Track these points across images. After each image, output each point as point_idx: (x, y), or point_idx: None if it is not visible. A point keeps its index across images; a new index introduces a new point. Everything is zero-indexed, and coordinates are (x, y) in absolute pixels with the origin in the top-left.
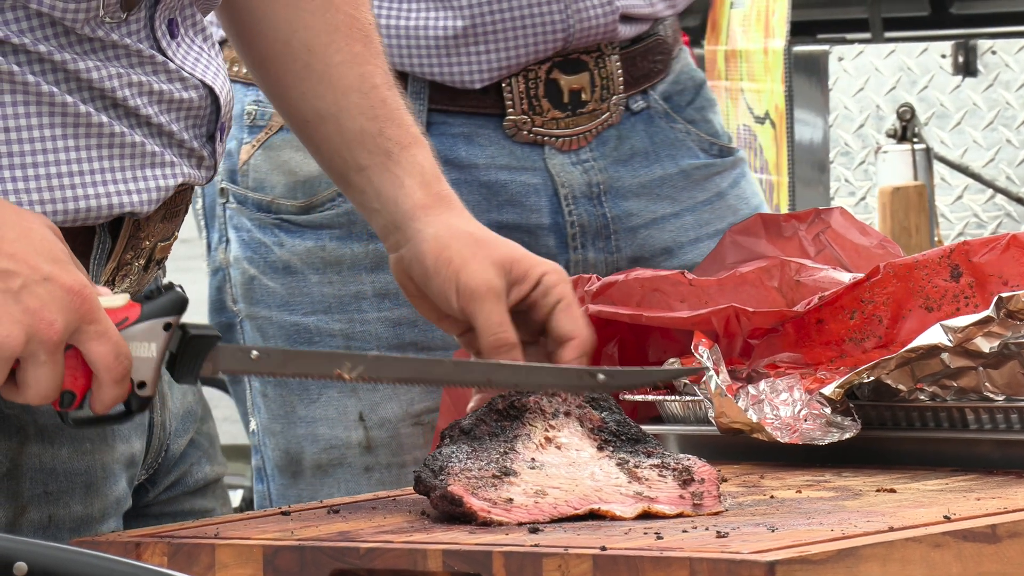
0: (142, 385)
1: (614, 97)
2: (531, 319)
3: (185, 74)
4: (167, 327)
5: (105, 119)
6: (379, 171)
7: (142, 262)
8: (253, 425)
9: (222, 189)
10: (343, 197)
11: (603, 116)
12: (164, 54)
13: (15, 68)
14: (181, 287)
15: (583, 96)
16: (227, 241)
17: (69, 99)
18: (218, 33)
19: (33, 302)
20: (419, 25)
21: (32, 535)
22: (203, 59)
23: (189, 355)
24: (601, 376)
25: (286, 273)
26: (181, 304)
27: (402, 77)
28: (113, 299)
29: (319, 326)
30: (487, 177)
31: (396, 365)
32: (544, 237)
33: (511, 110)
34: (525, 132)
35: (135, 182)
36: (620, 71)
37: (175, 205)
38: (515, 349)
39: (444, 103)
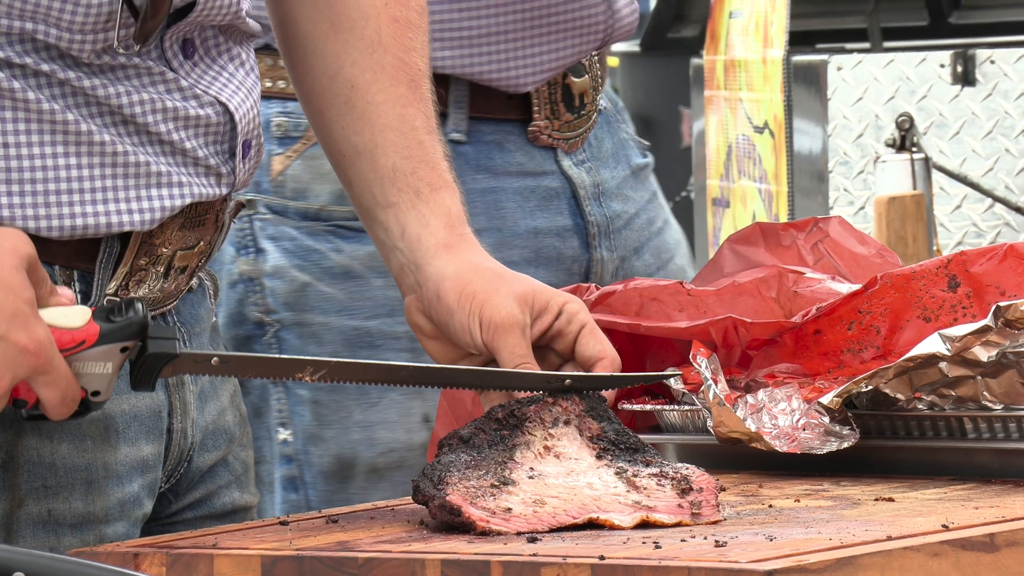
0: (96, 393)
1: (597, 97)
2: (553, 350)
3: (199, 91)
4: (124, 350)
5: (107, 137)
6: (406, 208)
7: (160, 269)
8: (286, 435)
9: (248, 201)
10: None
11: (593, 117)
12: (176, 72)
13: (15, 85)
14: (144, 305)
15: (585, 99)
16: (257, 251)
17: (70, 116)
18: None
19: None
20: (475, 25)
21: (32, 529)
22: (223, 78)
23: (147, 365)
24: (568, 381)
25: (346, 278)
26: (140, 329)
27: (443, 81)
28: (73, 316)
29: (382, 329)
30: (519, 184)
31: (359, 369)
32: (570, 239)
33: (536, 115)
34: (544, 137)
35: (137, 201)
36: (599, 70)
37: (196, 215)
38: None
39: (479, 110)
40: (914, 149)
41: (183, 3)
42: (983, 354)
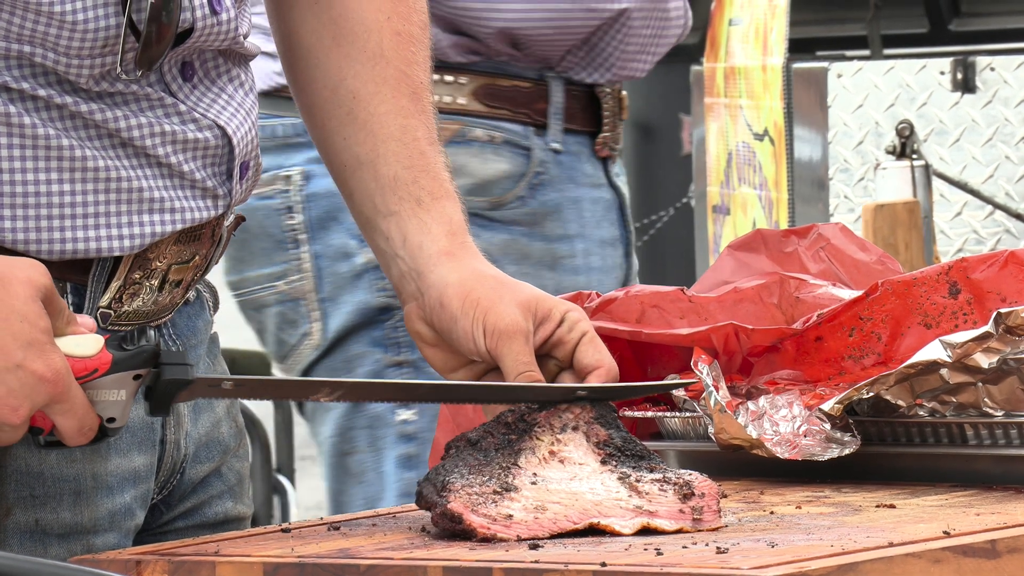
0: (112, 420)
1: None
2: (553, 358)
3: (197, 115)
4: (137, 377)
5: (102, 162)
6: (408, 217)
7: (154, 283)
8: (407, 415)
9: None
10: (522, 199)
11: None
12: (175, 96)
13: (11, 109)
14: (155, 333)
15: (625, 112)
16: None
17: (65, 142)
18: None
19: (0, 390)
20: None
21: (19, 538)
22: (221, 100)
23: (162, 391)
24: (581, 392)
25: None
26: (152, 358)
27: (543, 95)
28: (85, 345)
29: None
30: (591, 194)
31: (376, 389)
32: (618, 248)
33: (606, 125)
34: (605, 148)
35: (129, 227)
36: None
37: (191, 231)
38: None
39: (567, 121)
40: (914, 156)
41: (182, 29)
42: (984, 361)
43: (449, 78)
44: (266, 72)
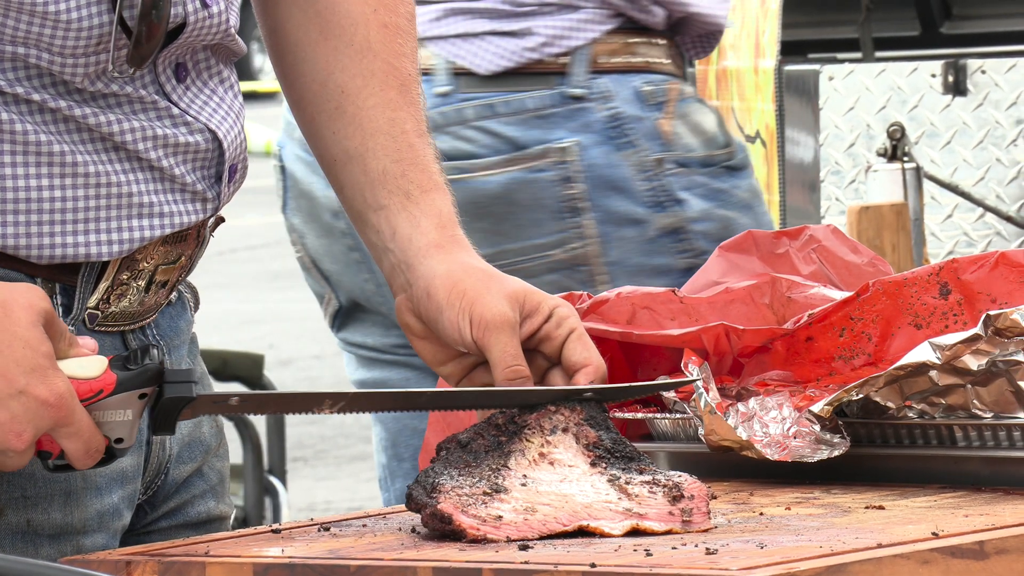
0: (120, 440)
1: None
2: (541, 354)
3: (189, 118)
4: (142, 396)
5: (94, 168)
6: (397, 210)
7: (141, 283)
8: None
9: (658, 160)
10: (731, 144)
11: None
12: (169, 99)
13: (3, 116)
14: (160, 351)
15: None
16: (677, 203)
17: (56, 148)
18: None
19: (3, 415)
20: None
21: (11, 539)
22: (212, 103)
23: (166, 410)
24: (588, 394)
25: (747, 209)
26: (156, 376)
27: (681, 58)
28: (89, 367)
29: None
30: None
31: (377, 399)
32: None
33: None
34: None
35: (118, 232)
36: None
37: (179, 232)
38: (529, 382)
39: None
40: (905, 159)
41: (175, 25)
42: (973, 363)
43: (660, 41)
44: (511, 49)
